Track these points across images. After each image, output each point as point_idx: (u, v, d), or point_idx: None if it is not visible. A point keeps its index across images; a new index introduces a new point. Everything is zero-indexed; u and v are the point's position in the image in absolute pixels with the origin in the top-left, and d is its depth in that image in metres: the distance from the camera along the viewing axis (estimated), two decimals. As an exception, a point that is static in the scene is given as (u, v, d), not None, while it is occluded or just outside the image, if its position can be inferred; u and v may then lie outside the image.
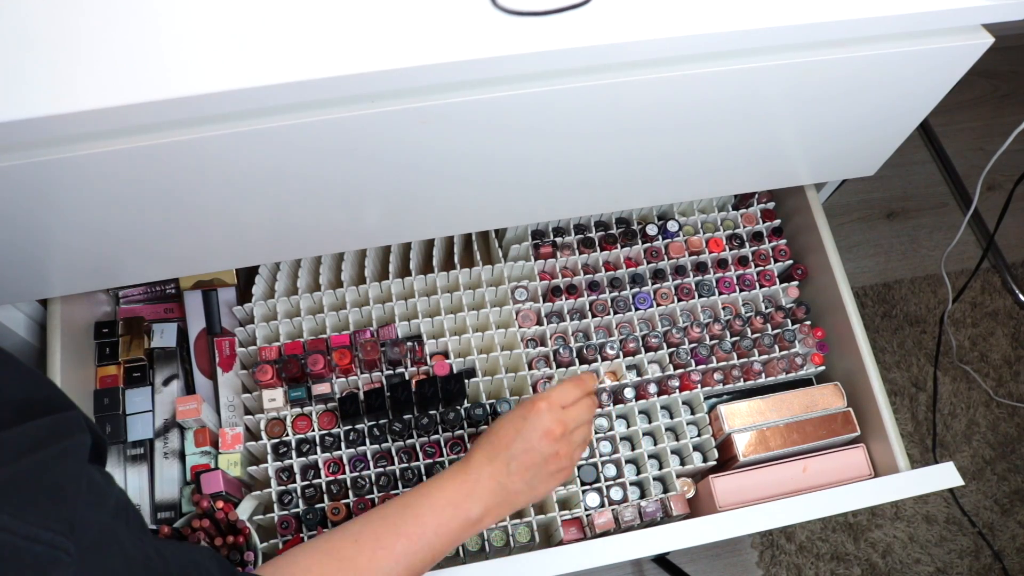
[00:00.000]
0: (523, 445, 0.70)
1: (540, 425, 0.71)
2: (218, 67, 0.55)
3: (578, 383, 0.76)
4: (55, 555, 0.38)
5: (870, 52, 0.66)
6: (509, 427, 0.72)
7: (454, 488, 0.68)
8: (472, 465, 0.70)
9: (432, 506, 0.66)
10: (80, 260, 0.74)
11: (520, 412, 0.72)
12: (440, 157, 0.68)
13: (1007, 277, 1.66)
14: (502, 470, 0.70)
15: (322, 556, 0.61)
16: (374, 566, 0.62)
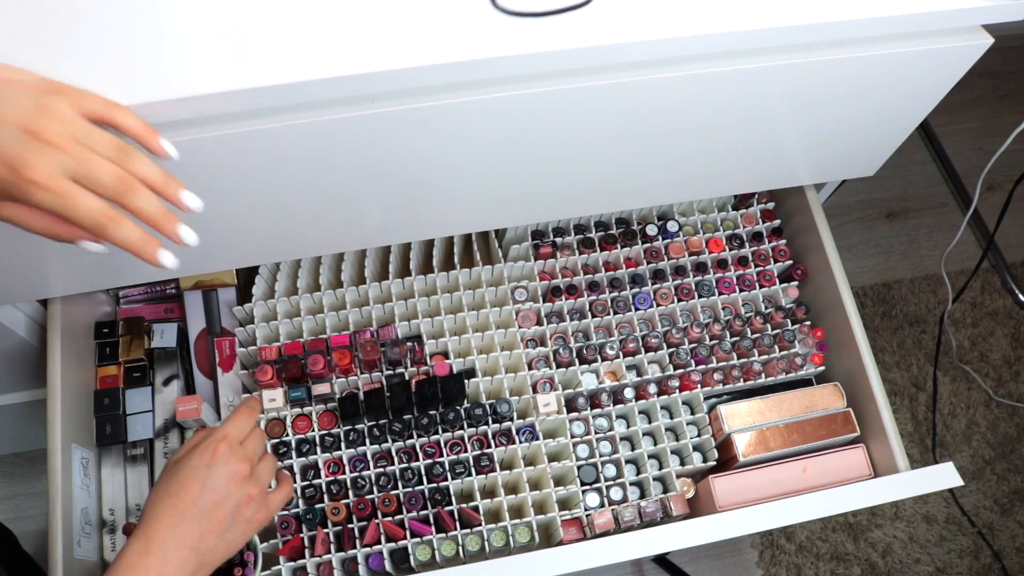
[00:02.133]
0: (212, 497, 0.62)
1: (226, 470, 0.64)
2: (218, 67, 0.55)
3: (249, 413, 0.70)
4: None
5: (870, 53, 0.66)
6: (191, 480, 0.63)
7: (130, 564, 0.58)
8: (155, 538, 0.59)
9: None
10: (80, 260, 0.74)
11: (199, 459, 0.64)
12: (440, 157, 0.68)
13: (1007, 277, 1.66)
14: (192, 534, 0.60)
15: None
16: None
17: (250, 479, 0.65)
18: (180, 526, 0.60)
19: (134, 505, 0.84)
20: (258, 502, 0.65)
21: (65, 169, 0.45)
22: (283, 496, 0.69)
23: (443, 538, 0.81)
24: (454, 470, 0.84)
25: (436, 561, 0.81)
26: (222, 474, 0.63)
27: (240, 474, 0.64)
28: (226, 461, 0.64)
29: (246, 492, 0.64)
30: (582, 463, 0.87)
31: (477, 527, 0.82)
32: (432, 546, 0.81)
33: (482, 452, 0.85)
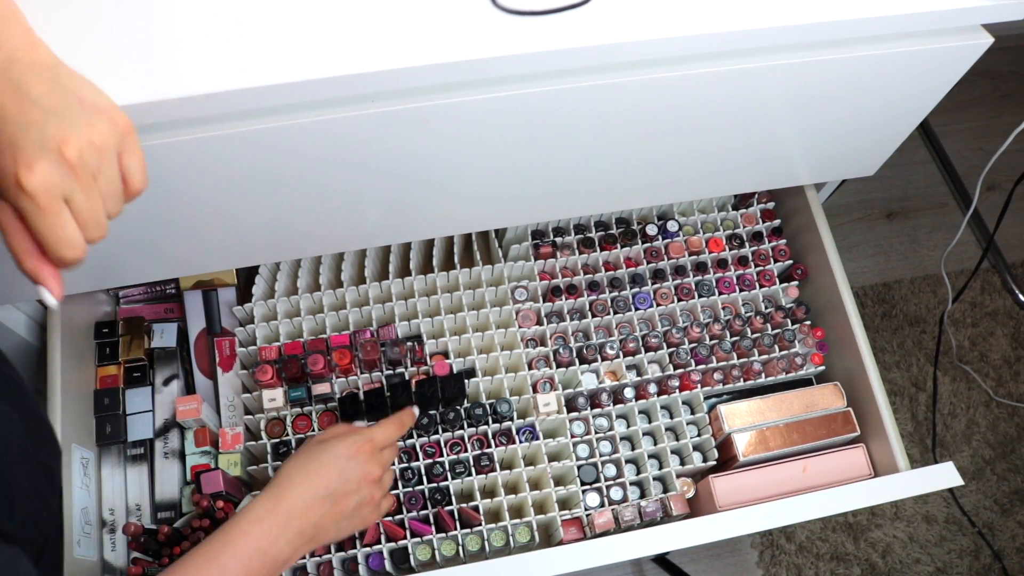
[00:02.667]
0: (344, 487, 0.68)
1: (363, 469, 0.69)
2: (218, 67, 0.55)
3: (400, 426, 0.76)
4: None
5: (870, 52, 0.66)
6: (332, 466, 0.68)
7: (262, 532, 0.63)
8: (284, 502, 0.65)
9: (236, 555, 0.61)
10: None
11: (344, 450, 0.69)
12: (440, 157, 0.68)
13: (1007, 277, 1.66)
14: (317, 511, 0.66)
15: None
16: None
17: (378, 483, 0.71)
18: (309, 500, 0.66)
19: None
20: (375, 506, 0.72)
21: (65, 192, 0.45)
22: (388, 506, 0.76)
23: (443, 538, 0.81)
24: (454, 470, 0.84)
25: (436, 561, 0.81)
26: (359, 471, 0.69)
27: (372, 476, 0.70)
28: (366, 461, 0.70)
29: (371, 493, 0.71)
30: (582, 463, 0.87)
31: (477, 527, 0.82)
32: (432, 546, 0.81)
33: (482, 452, 0.85)
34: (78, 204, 0.46)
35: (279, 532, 0.64)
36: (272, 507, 0.64)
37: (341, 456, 0.69)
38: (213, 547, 0.61)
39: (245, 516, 0.64)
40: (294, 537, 0.64)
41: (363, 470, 0.70)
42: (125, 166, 0.49)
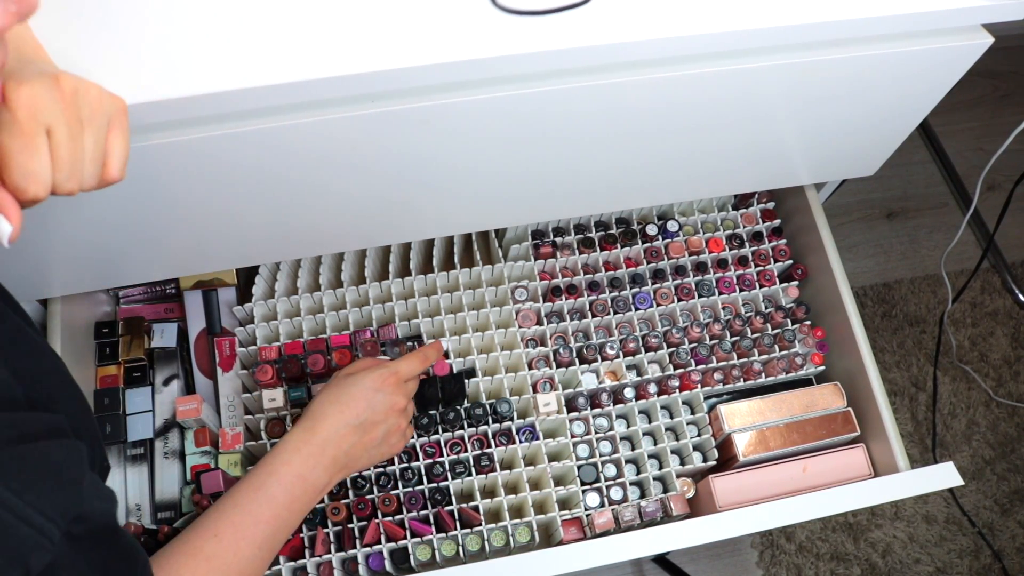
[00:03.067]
0: (373, 417, 0.72)
1: (390, 399, 0.73)
2: (218, 67, 0.55)
3: (424, 359, 0.79)
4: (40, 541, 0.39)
5: (870, 52, 0.66)
6: (360, 397, 0.72)
7: (300, 461, 0.68)
8: (318, 432, 0.69)
9: (281, 483, 0.66)
10: (80, 260, 0.74)
11: (371, 383, 0.73)
12: (440, 157, 0.68)
13: (1007, 277, 1.66)
14: (348, 439, 0.70)
15: (186, 558, 0.60)
16: (239, 558, 0.62)
17: (404, 413, 0.75)
18: (341, 430, 0.70)
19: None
20: (401, 434, 0.76)
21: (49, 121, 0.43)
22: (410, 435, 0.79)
23: (443, 538, 0.81)
24: (454, 470, 0.84)
25: (436, 561, 0.81)
26: (386, 402, 0.73)
27: (398, 406, 0.74)
28: (392, 392, 0.73)
29: (397, 423, 0.74)
30: (582, 463, 0.87)
31: (477, 527, 0.82)
32: (432, 546, 0.81)
33: (482, 452, 0.85)
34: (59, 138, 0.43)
35: (316, 460, 0.68)
36: (307, 438, 0.69)
37: (368, 388, 0.72)
38: (258, 478, 0.66)
39: (283, 448, 0.68)
40: (329, 464, 0.69)
41: (390, 401, 0.73)
42: (110, 144, 0.47)
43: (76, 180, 0.45)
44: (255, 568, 0.63)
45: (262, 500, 0.65)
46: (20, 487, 0.39)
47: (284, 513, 0.65)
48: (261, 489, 0.65)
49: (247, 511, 0.64)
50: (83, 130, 0.45)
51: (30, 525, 0.38)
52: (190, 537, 0.61)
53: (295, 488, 0.66)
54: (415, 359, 0.78)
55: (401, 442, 0.76)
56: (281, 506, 0.65)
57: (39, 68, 0.45)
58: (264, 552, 0.64)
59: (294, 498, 0.66)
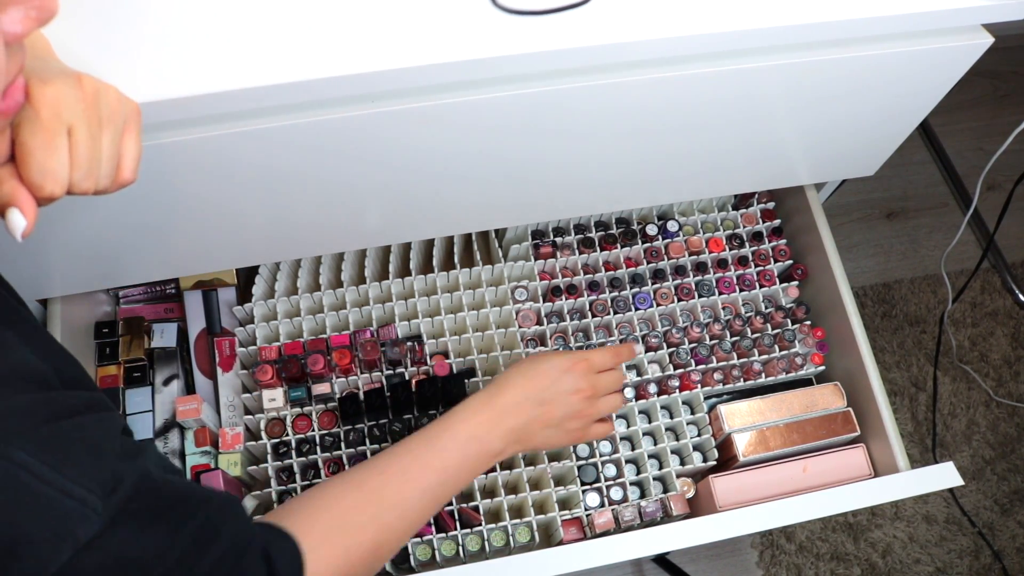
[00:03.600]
0: (555, 396, 0.73)
1: (575, 383, 0.74)
2: (217, 67, 0.55)
3: (617, 355, 0.80)
4: (84, 512, 0.40)
5: (870, 52, 0.66)
6: (546, 374, 0.73)
7: (478, 423, 0.69)
8: (500, 398, 0.71)
9: (456, 439, 0.67)
10: (80, 260, 0.74)
11: (560, 363, 0.74)
12: (440, 157, 0.68)
13: (1007, 277, 1.66)
14: (528, 412, 0.71)
15: (349, 488, 0.62)
16: (401, 498, 0.63)
17: (588, 401, 0.75)
18: (523, 402, 0.71)
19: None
20: (583, 421, 0.75)
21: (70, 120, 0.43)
22: (603, 431, 0.79)
23: (443, 538, 0.81)
24: (454, 470, 0.84)
25: (436, 561, 0.81)
26: (571, 384, 0.74)
27: (584, 392, 0.74)
28: (579, 377, 0.74)
29: (580, 408, 0.74)
30: (582, 463, 0.87)
31: (477, 527, 0.82)
32: (432, 546, 0.81)
33: (482, 452, 0.85)
34: (79, 137, 0.44)
35: (493, 426, 0.69)
36: (488, 402, 0.71)
37: (556, 367, 0.74)
38: (433, 431, 0.68)
39: (463, 408, 0.70)
40: (506, 433, 0.70)
41: (575, 384, 0.74)
42: (124, 146, 0.48)
43: (92, 180, 0.45)
44: (415, 514, 0.64)
45: (434, 450, 0.66)
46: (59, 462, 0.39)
47: (453, 468, 0.66)
48: (434, 440, 0.67)
49: (416, 456, 0.65)
50: (102, 131, 0.45)
51: (72, 498, 0.39)
52: (356, 471, 0.64)
53: (468, 447, 0.68)
54: (608, 353, 0.79)
55: (581, 432, 0.76)
56: (451, 461, 0.66)
57: (59, 67, 0.46)
58: (426, 500, 0.64)
59: (466, 457, 0.67)
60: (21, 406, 0.41)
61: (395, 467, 0.64)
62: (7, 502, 0.37)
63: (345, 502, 0.60)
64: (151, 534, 0.44)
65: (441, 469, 0.66)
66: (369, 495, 0.62)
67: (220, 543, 0.47)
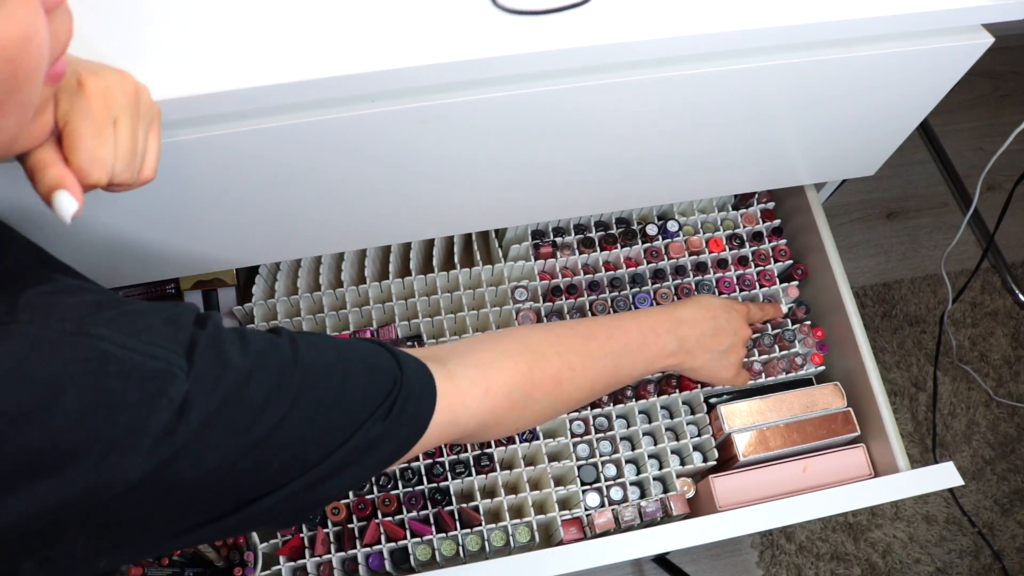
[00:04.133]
0: (725, 326, 0.80)
1: (739, 321, 0.82)
2: (217, 67, 0.55)
3: (765, 310, 0.89)
4: (172, 371, 0.40)
5: (870, 52, 0.66)
6: (719, 305, 0.81)
7: (659, 320, 0.75)
8: (680, 311, 0.77)
9: (639, 325, 0.73)
10: (80, 260, 0.74)
11: (731, 303, 0.83)
12: (440, 157, 0.68)
13: (1007, 277, 1.66)
14: (702, 326, 0.77)
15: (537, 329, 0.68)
16: (585, 349, 0.67)
17: (743, 343, 0.83)
18: (698, 317, 0.78)
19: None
20: (740, 358, 0.83)
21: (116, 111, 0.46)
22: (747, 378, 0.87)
23: (443, 538, 0.81)
24: (454, 470, 0.84)
25: (436, 561, 0.81)
26: (737, 320, 0.82)
27: (745, 331, 0.83)
28: (742, 319, 0.83)
29: (741, 344, 0.82)
30: (582, 463, 0.87)
31: (477, 527, 0.82)
32: (432, 546, 0.81)
33: (482, 452, 0.85)
34: (123, 130, 0.46)
35: (670, 327, 0.75)
36: (668, 311, 0.77)
37: (725, 304, 0.82)
38: (617, 316, 0.75)
39: (644, 311, 0.79)
40: (680, 337, 0.75)
41: (739, 322, 0.81)
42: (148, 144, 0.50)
43: (131, 172, 0.48)
44: (596, 370, 0.68)
45: (619, 327, 0.72)
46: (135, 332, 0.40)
47: (634, 346, 0.72)
48: (619, 320, 0.73)
49: (602, 325, 0.71)
50: (140, 126, 0.48)
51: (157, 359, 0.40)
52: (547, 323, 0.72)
53: (648, 335, 0.73)
54: (759, 308, 0.88)
55: (736, 367, 0.82)
56: (633, 339, 0.72)
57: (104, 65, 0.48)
58: (608, 363, 0.69)
59: (645, 341, 0.73)
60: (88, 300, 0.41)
61: (581, 328, 0.69)
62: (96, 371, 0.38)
63: (535, 335, 0.66)
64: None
65: (623, 341, 0.70)
66: (557, 337, 0.66)
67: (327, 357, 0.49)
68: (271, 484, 0.46)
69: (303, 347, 0.48)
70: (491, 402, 0.59)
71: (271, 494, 0.46)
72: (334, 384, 0.48)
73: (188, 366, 0.41)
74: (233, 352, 0.44)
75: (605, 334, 0.70)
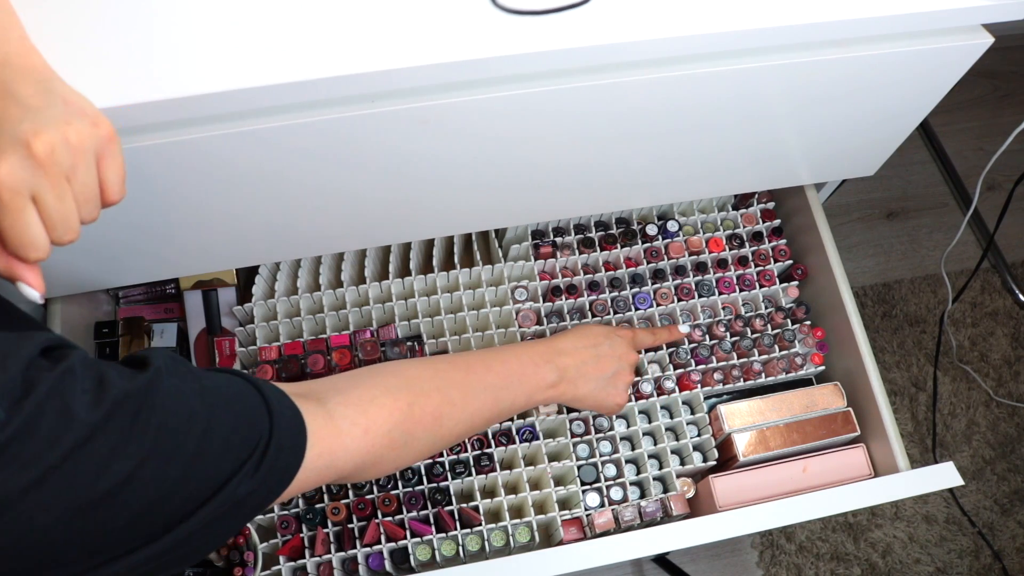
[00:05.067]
0: (609, 352, 0.79)
1: (625, 346, 0.81)
2: (217, 67, 0.55)
3: (654, 335, 0.87)
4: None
5: (870, 52, 0.66)
6: (601, 333, 0.80)
7: (539, 352, 0.75)
8: (560, 342, 0.77)
9: (519, 357, 0.73)
10: (80, 260, 0.74)
11: (613, 330, 0.82)
12: (440, 157, 0.68)
13: (1007, 277, 1.66)
14: (582, 357, 0.77)
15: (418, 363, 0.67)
16: (465, 383, 0.67)
17: (629, 371, 0.81)
18: (578, 346, 0.78)
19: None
20: (628, 383, 0.82)
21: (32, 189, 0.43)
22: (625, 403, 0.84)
23: (443, 538, 0.81)
24: (454, 470, 0.84)
25: (436, 561, 0.81)
26: (622, 346, 0.80)
27: (631, 357, 0.81)
28: (628, 344, 0.81)
29: (627, 370, 0.81)
30: (582, 463, 0.87)
31: (477, 527, 0.82)
32: (432, 546, 0.81)
33: (482, 452, 0.85)
34: (46, 203, 0.44)
35: (549, 358, 0.75)
36: (546, 343, 0.78)
37: (609, 331, 0.81)
38: (497, 349, 0.75)
39: (523, 343, 0.78)
40: (561, 368, 0.75)
41: (624, 348, 0.80)
42: (103, 173, 0.47)
43: (73, 231, 0.46)
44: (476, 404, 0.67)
45: (497, 359, 0.72)
46: None
47: (513, 378, 0.71)
48: (498, 352, 0.73)
49: (481, 357, 0.71)
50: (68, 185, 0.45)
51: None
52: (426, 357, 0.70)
53: (527, 367, 0.73)
54: (648, 333, 0.86)
55: (624, 394, 0.81)
56: (512, 371, 0.71)
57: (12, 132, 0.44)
58: (488, 397, 0.69)
59: (524, 373, 0.72)
60: None
61: (461, 361, 0.69)
62: None
63: (415, 370, 0.65)
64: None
65: (503, 374, 0.70)
66: (437, 372, 0.66)
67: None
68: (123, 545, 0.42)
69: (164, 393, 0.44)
70: (370, 442, 0.57)
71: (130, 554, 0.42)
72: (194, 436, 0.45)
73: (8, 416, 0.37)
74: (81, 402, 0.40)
75: (484, 367, 0.70)
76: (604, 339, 0.79)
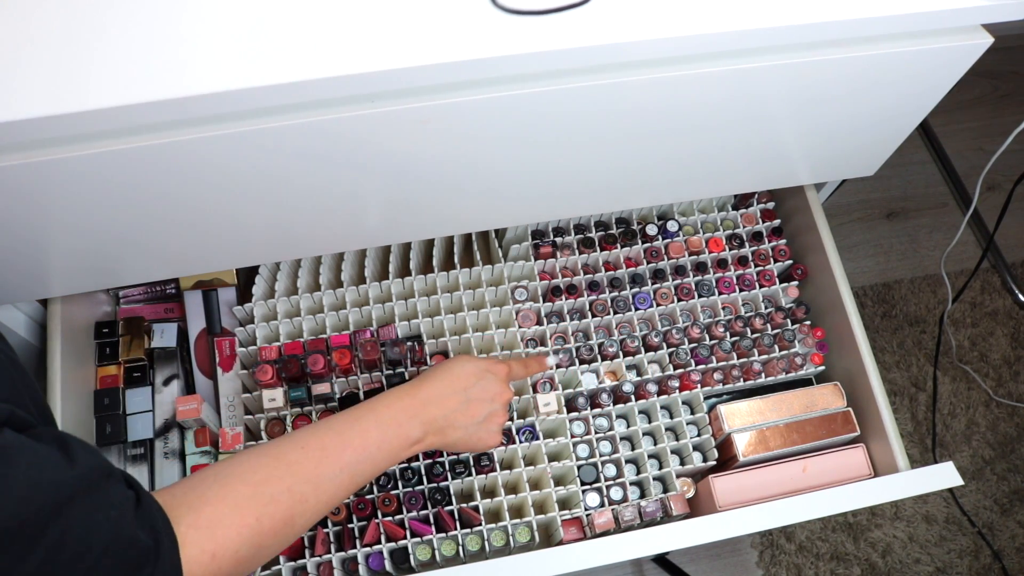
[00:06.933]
0: (479, 395, 0.75)
1: (499, 386, 0.77)
2: (218, 67, 0.55)
3: (525, 367, 0.83)
4: None
5: (870, 52, 0.66)
6: (471, 374, 0.75)
7: (401, 408, 0.70)
8: (425, 390, 0.73)
9: (377, 420, 0.68)
10: (80, 260, 0.74)
11: (485, 366, 0.77)
12: (440, 157, 0.68)
13: (1007, 277, 1.66)
14: (450, 405, 0.73)
15: (268, 459, 0.61)
16: (318, 473, 0.63)
17: (504, 408, 0.78)
18: (447, 394, 0.73)
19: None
20: (501, 424, 0.78)
21: None
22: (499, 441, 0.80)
23: (443, 538, 0.81)
24: (454, 470, 0.84)
25: (436, 561, 0.81)
26: (495, 386, 0.76)
27: (505, 396, 0.77)
28: (501, 381, 0.77)
29: (500, 411, 0.77)
30: (582, 463, 0.87)
31: (477, 527, 0.82)
32: (432, 546, 0.81)
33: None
34: None
35: (415, 412, 0.71)
36: (412, 392, 0.72)
37: (481, 368, 0.76)
38: (356, 411, 0.69)
39: (386, 394, 0.72)
40: (427, 421, 0.71)
41: (498, 387, 0.77)
42: None
43: None
44: (332, 490, 0.64)
45: (355, 429, 0.67)
46: None
47: (372, 448, 0.67)
48: (356, 421, 0.68)
49: (338, 433, 0.66)
50: None
51: None
52: (277, 444, 0.63)
53: (388, 430, 0.69)
54: (521, 364, 0.82)
55: (498, 435, 0.78)
56: (371, 441, 0.67)
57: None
58: (344, 477, 0.65)
59: (385, 439, 0.68)
60: None
61: (315, 443, 0.64)
62: None
63: (261, 473, 0.60)
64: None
65: (361, 447, 0.66)
66: (286, 468, 0.61)
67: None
68: None
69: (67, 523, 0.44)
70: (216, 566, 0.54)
71: None
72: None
73: None
74: None
75: (341, 445, 0.66)
76: (475, 380, 0.75)
